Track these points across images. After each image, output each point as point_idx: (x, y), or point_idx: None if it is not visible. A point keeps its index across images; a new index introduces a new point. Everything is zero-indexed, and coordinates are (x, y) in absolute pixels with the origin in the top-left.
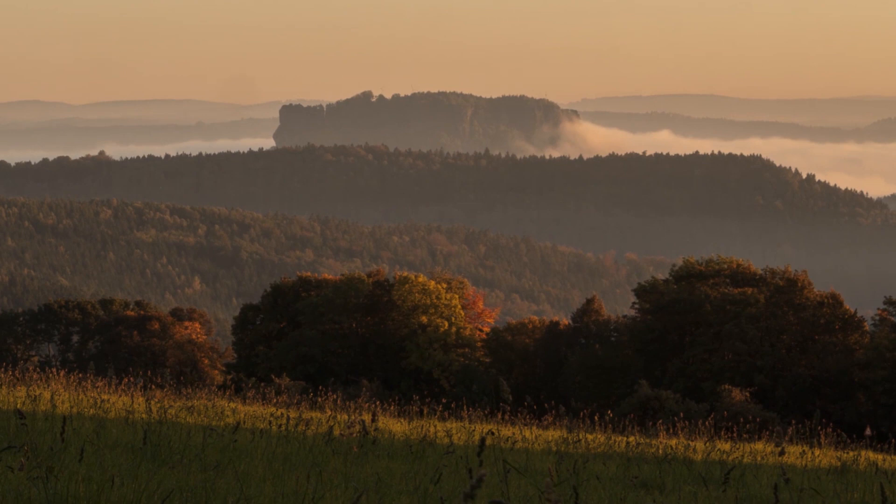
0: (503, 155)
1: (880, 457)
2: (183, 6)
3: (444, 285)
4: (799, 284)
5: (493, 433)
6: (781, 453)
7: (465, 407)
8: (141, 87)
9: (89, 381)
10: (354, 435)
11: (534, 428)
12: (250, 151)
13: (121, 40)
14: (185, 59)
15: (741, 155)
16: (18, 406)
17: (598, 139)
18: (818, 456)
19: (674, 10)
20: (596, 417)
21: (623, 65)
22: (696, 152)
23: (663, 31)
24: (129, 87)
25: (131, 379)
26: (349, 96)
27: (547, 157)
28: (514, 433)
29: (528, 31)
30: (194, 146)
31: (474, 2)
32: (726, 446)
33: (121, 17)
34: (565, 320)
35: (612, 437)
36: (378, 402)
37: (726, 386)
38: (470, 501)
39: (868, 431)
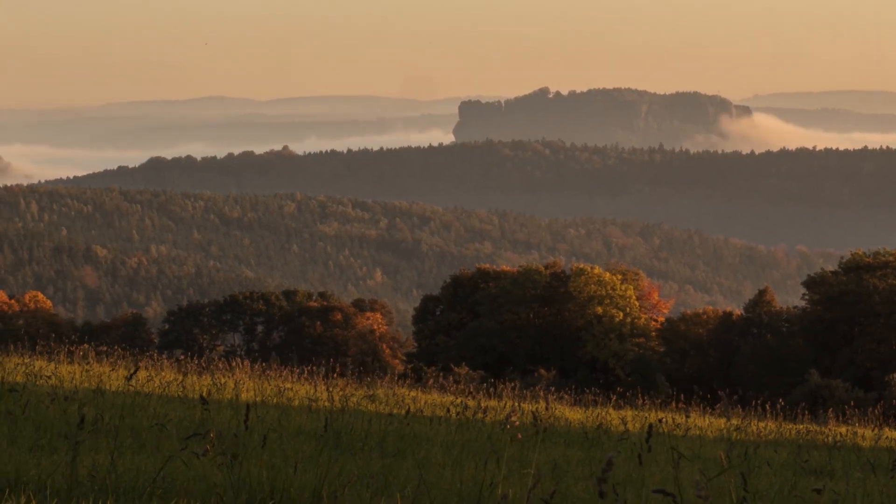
0: (677, 150)
1: None
2: (366, 5)
3: (619, 277)
4: None
5: (665, 421)
6: None
7: (639, 395)
8: (323, 83)
9: (273, 371)
10: (519, 423)
11: (707, 416)
12: (430, 146)
13: (304, 37)
14: (366, 56)
15: None
16: (204, 395)
17: (769, 134)
18: None
19: (844, 7)
20: (767, 406)
21: (794, 61)
22: (865, 147)
23: (834, 27)
24: (311, 83)
25: (314, 368)
26: (527, 92)
27: (720, 151)
28: (686, 421)
29: (702, 29)
30: (375, 141)
31: (648, 0)
32: (895, 434)
33: (303, 15)
34: (738, 311)
35: (783, 425)
36: (555, 391)
37: (894, 375)
38: (604, 485)
39: None
